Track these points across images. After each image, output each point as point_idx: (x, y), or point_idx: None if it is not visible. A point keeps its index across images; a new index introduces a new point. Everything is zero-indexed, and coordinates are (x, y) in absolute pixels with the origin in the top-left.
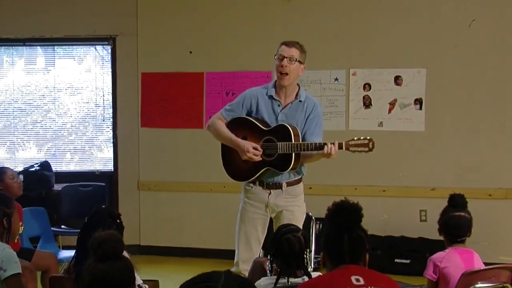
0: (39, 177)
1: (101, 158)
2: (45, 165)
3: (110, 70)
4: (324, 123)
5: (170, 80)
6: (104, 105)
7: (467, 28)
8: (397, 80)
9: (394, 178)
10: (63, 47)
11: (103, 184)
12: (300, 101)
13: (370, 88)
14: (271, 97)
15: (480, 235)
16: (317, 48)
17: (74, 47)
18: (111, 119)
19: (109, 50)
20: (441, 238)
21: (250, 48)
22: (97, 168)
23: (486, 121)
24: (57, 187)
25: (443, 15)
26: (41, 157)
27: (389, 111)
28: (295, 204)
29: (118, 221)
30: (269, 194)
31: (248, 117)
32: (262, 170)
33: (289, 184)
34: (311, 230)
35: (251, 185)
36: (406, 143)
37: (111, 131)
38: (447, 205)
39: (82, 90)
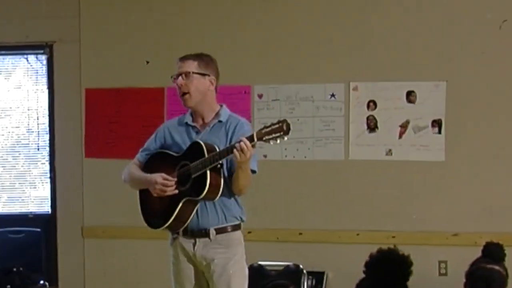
0: None
1: (35, 197)
2: None
3: (46, 86)
4: (318, 151)
5: (121, 97)
6: (39, 130)
7: (497, 30)
8: (410, 96)
9: (406, 221)
10: None
11: (38, 229)
12: (220, 121)
13: (375, 107)
14: (186, 124)
15: None
16: (308, 56)
17: (2, 57)
18: (48, 148)
19: (45, 61)
20: None
21: (222, 58)
22: (31, 210)
23: None
24: None
25: (466, 15)
26: None
27: (400, 136)
28: (229, 257)
29: None
30: (194, 244)
31: (162, 150)
32: (181, 203)
33: (219, 231)
34: (301, 287)
35: (175, 235)
36: (421, 177)
37: (47, 163)
38: (481, 256)
39: (11, 112)
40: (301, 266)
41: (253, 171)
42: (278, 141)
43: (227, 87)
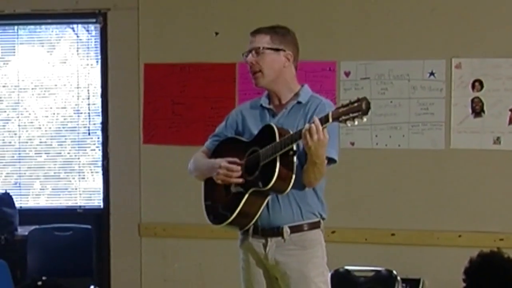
0: None
1: (84, 190)
2: (4, 199)
3: (98, 61)
4: (414, 138)
5: (186, 74)
6: (89, 111)
7: None
8: None
9: None
10: (28, 27)
11: (88, 226)
12: (300, 102)
13: (482, 87)
14: (261, 106)
15: None
16: (404, 28)
17: (44, 27)
18: (100, 132)
19: (94, 32)
20: None
21: (303, 29)
22: (80, 204)
23: None
24: (22, 230)
25: None
26: None
27: (510, 122)
28: (306, 260)
29: None
30: (265, 244)
31: (233, 136)
32: (247, 195)
33: (294, 229)
34: None
35: (244, 234)
36: None
37: (99, 150)
38: None
39: (56, 90)
40: (394, 272)
41: (332, 160)
42: (356, 122)
43: (308, 63)
